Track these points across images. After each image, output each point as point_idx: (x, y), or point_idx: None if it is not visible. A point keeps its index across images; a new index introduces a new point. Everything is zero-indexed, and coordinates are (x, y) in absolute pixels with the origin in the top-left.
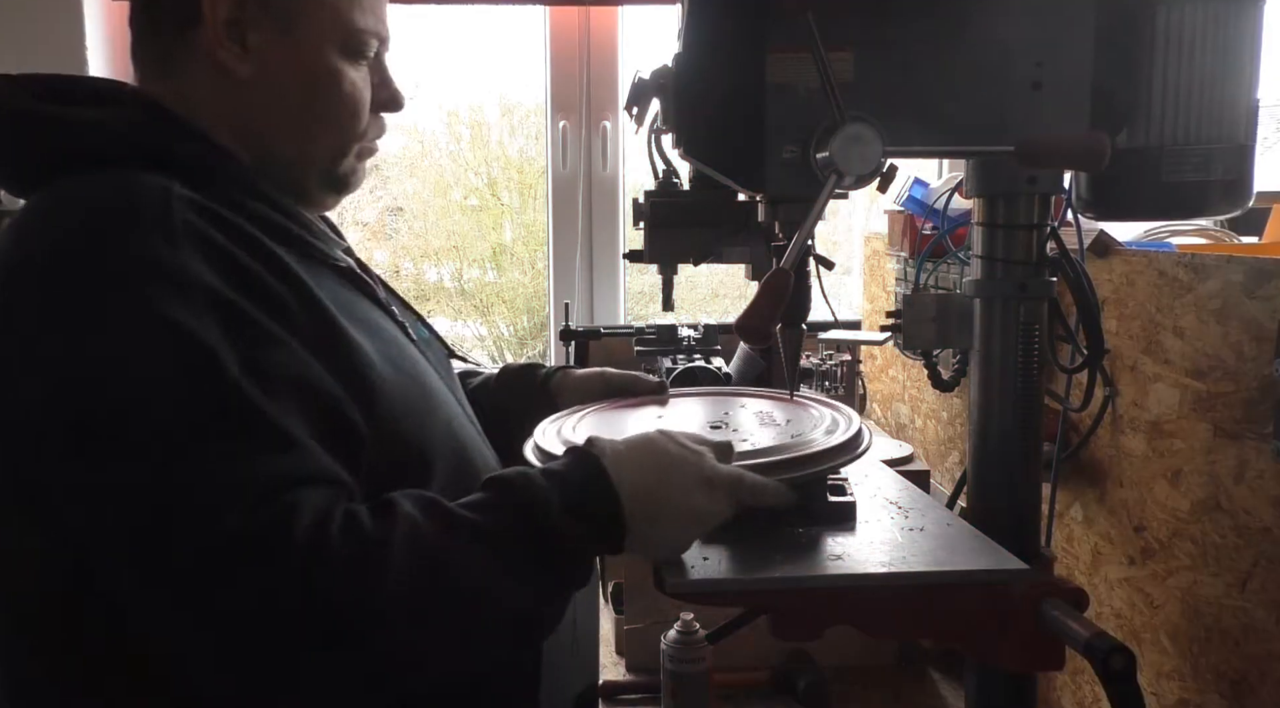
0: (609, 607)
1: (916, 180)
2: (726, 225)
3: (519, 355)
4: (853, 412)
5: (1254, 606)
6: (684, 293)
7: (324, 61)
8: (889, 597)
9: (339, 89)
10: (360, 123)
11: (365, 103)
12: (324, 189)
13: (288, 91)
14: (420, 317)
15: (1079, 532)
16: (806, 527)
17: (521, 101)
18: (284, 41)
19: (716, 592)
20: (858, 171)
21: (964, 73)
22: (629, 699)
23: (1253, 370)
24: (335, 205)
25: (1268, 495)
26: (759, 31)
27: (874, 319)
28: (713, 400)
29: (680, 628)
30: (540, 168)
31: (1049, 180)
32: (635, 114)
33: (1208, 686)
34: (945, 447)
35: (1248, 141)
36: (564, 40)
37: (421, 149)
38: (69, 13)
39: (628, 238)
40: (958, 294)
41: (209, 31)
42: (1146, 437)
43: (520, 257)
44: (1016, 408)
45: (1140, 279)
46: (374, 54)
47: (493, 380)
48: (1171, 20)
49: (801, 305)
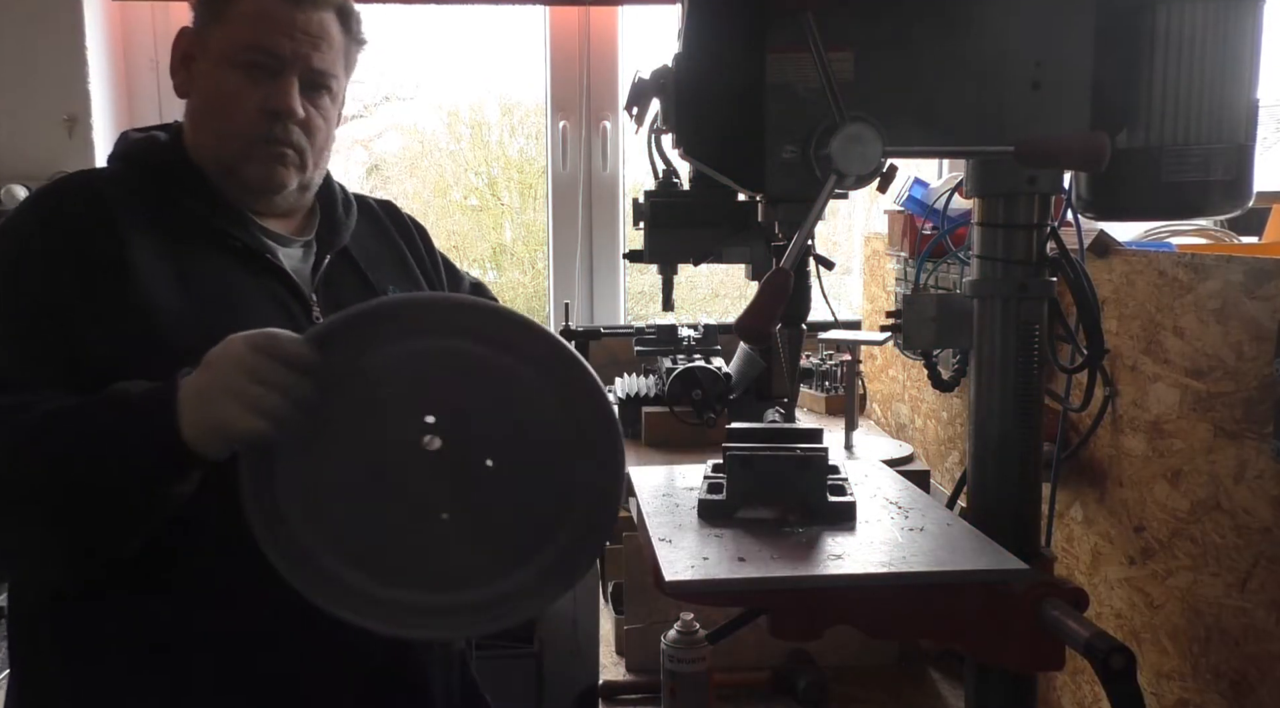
0: (609, 607)
1: (916, 180)
2: (726, 225)
3: None
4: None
5: (1254, 606)
6: (684, 293)
7: (221, 77)
8: (889, 597)
9: (228, 100)
10: (251, 128)
11: (253, 111)
12: (243, 190)
13: (202, 106)
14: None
15: (1079, 532)
16: (807, 527)
17: (521, 101)
18: (204, 66)
19: (716, 592)
20: (858, 171)
21: (964, 73)
22: (629, 699)
23: (1253, 370)
24: (269, 202)
25: (1268, 495)
26: (759, 31)
27: (874, 319)
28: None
29: (680, 628)
30: (540, 168)
31: (1049, 180)
32: (635, 114)
33: (1208, 686)
34: (945, 447)
35: (1248, 141)
36: (564, 40)
37: (421, 149)
38: (69, 13)
39: (628, 238)
40: (958, 294)
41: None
42: (1146, 437)
43: (520, 257)
44: (1016, 408)
45: (1140, 279)
46: (278, 68)
47: None
48: (1171, 20)
49: (801, 305)
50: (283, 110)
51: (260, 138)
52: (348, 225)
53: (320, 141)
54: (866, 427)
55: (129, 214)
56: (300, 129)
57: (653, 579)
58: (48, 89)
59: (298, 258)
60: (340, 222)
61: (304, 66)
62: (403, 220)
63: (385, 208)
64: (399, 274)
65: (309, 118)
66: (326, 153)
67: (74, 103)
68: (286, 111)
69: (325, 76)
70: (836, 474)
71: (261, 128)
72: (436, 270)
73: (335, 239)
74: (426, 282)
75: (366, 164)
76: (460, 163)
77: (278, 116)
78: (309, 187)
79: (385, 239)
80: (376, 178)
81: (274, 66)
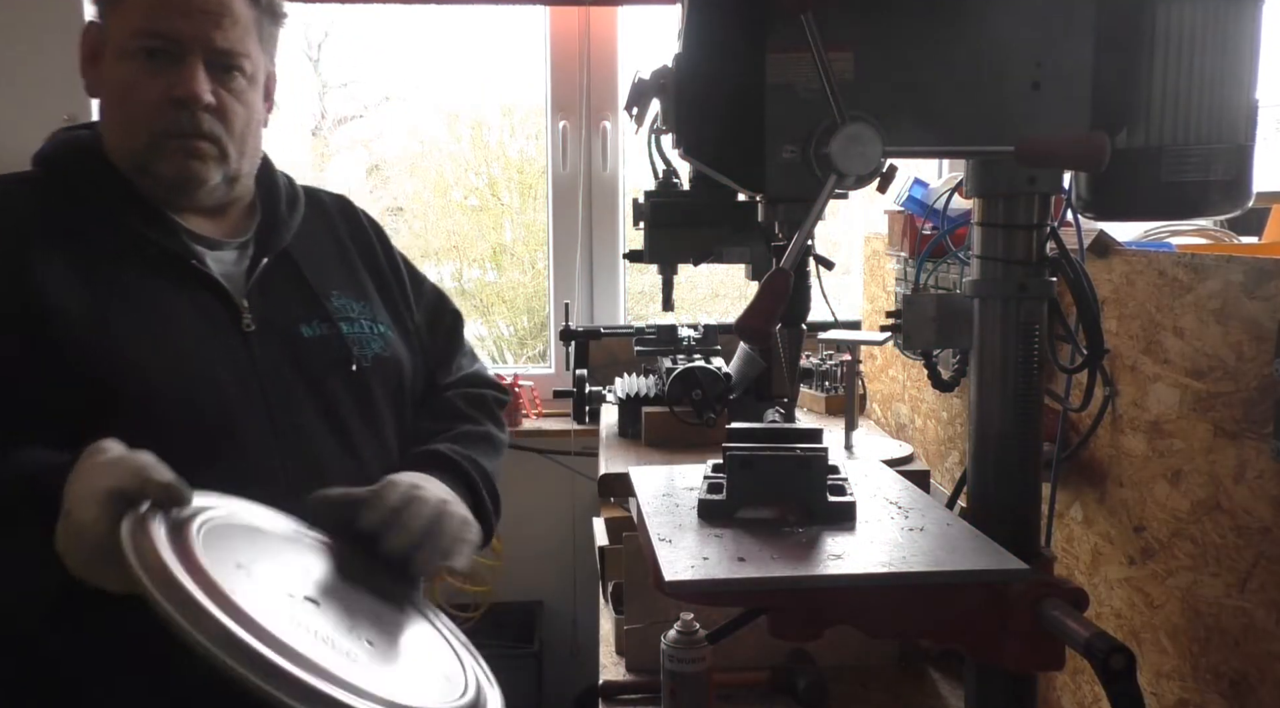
0: (609, 607)
1: (916, 180)
2: (726, 225)
3: (519, 355)
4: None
5: (1254, 606)
6: (684, 293)
7: (122, 70)
8: (889, 597)
9: (129, 93)
10: (157, 120)
11: (156, 101)
12: (160, 188)
13: (108, 103)
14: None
15: (1079, 532)
16: (806, 527)
17: (521, 102)
18: (109, 60)
19: (716, 592)
20: (857, 171)
21: (964, 73)
22: (629, 699)
23: (1253, 370)
24: (192, 199)
25: (1268, 495)
26: (759, 32)
27: (874, 319)
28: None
29: (680, 628)
30: (540, 168)
31: (1049, 180)
32: (635, 114)
33: (1208, 686)
34: (945, 447)
35: (1248, 141)
36: (564, 40)
37: (422, 149)
38: (69, 13)
39: (628, 238)
40: (958, 294)
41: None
42: (1146, 437)
43: (520, 257)
44: (1016, 408)
45: (1140, 279)
46: (179, 52)
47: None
48: (1171, 20)
49: (801, 305)
50: (187, 98)
51: (168, 130)
52: (290, 224)
53: (241, 127)
54: (866, 427)
55: (42, 218)
56: (213, 117)
57: (653, 579)
58: (47, 89)
59: (230, 261)
60: (282, 219)
61: (207, 47)
62: (357, 218)
63: (339, 204)
64: (345, 278)
65: (222, 103)
66: (254, 140)
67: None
68: (191, 98)
69: (233, 56)
70: (836, 474)
71: (167, 119)
72: (396, 274)
73: (275, 239)
74: (380, 285)
75: (367, 164)
76: (460, 163)
77: (183, 105)
78: (237, 178)
79: (334, 239)
80: (376, 178)
81: (174, 51)
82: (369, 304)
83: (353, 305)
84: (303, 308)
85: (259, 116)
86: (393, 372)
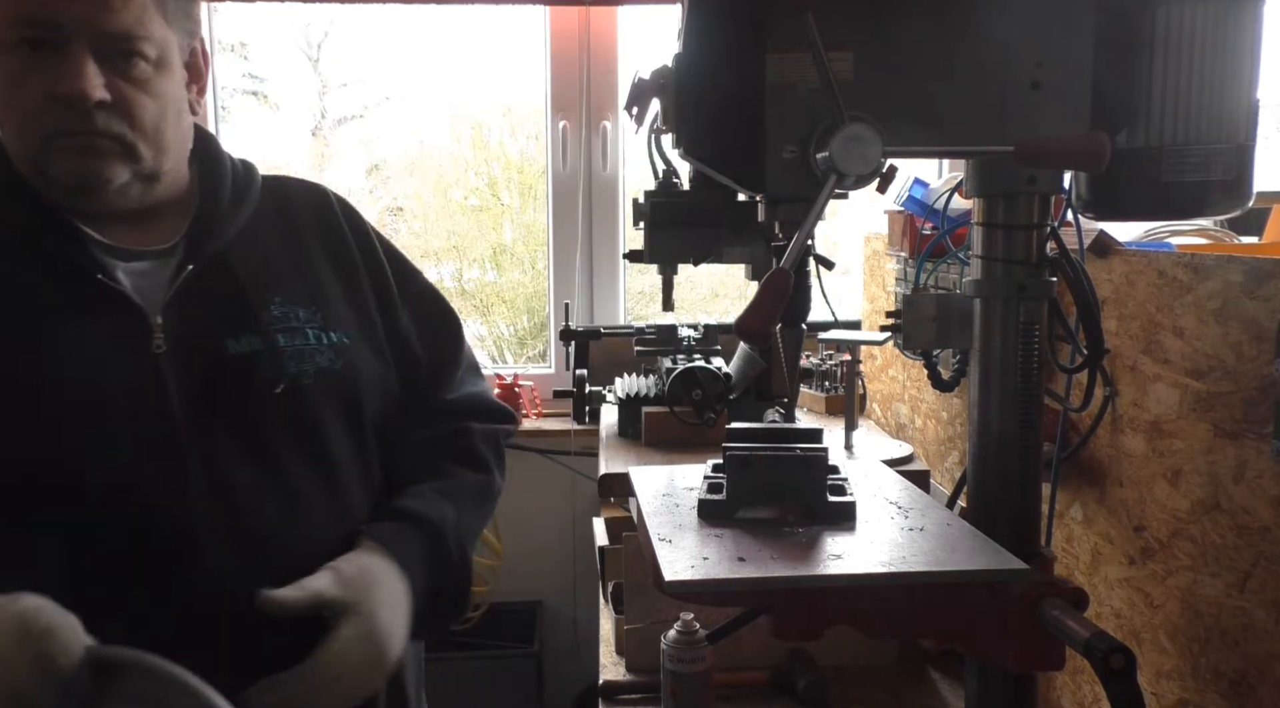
0: (609, 607)
1: (916, 180)
2: (726, 225)
3: (519, 355)
4: None
5: (1254, 605)
6: (684, 293)
7: (5, 65)
8: (889, 597)
9: (12, 91)
10: (43, 121)
11: (40, 99)
12: (61, 193)
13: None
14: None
15: (1079, 532)
16: (806, 527)
17: (521, 102)
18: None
19: (716, 592)
20: (858, 171)
21: (964, 73)
22: (629, 699)
23: (1252, 370)
24: (103, 203)
25: (1267, 495)
26: (759, 32)
27: (874, 319)
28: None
29: (680, 628)
30: (540, 168)
31: (1049, 180)
32: (635, 114)
33: (1207, 685)
34: (945, 447)
35: (1248, 141)
36: (564, 40)
37: (421, 149)
38: None
39: (628, 238)
40: (958, 294)
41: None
42: (1146, 437)
43: (520, 257)
44: (1016, 408)
45: (1140, 279)
46: (61, 41)
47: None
48: (1171, 20)
49: (801, 305)
50: (72, 94)
51: (58, 130)
52: (233, 221)
53: (152, 121)
54: (866, 427)
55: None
56: (111, 113)
57: (653, 579)
58: None
59: (143, 272)
60: (220, 219)
61: (94, 33)
62: (329, 211)
63: (309, 195)
64: (295, 282)
65: (121, 97)
66: (175, 132)
67: None
68: (76, 96)
69: (129, 40)
70: (836, 474)
71: (55, 119)
72: (376, 273)
73: (208, 242)
74: (349, 288)
75: (366, 164)
76: (460, 163)
77: (70, 104)
78: (157, 177)
79: (291, 235)
80: (376, 178)
81: (56, 40)
82: (322, 310)
83: (296, 314)
84: (231, 321)
85: (178, 104)
86: (345, 386)
